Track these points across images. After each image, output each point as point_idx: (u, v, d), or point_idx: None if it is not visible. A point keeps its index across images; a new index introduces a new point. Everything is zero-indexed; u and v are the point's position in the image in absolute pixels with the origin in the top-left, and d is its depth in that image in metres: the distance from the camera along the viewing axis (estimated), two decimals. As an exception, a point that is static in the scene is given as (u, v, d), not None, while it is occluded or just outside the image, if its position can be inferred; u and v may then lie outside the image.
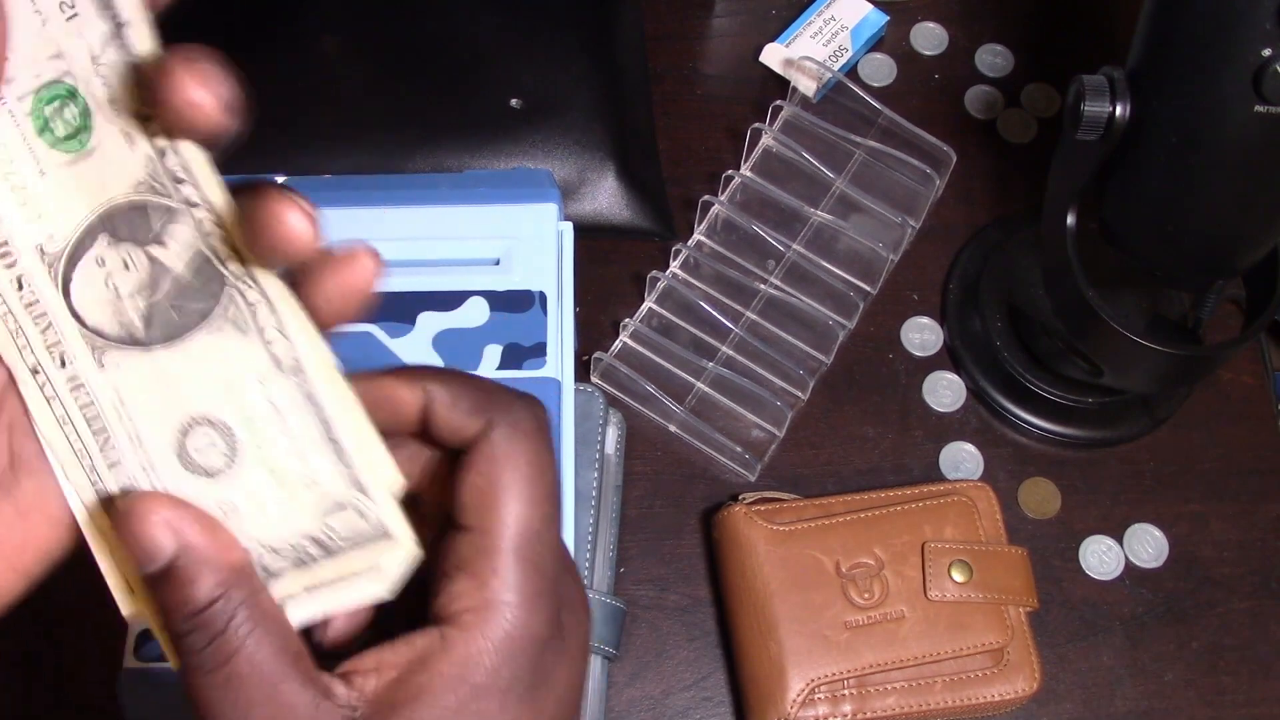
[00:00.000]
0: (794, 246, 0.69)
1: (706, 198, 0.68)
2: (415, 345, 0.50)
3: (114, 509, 0.29)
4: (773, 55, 0.75)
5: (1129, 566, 0.65)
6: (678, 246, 0.68)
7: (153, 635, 0.44)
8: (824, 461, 0.66)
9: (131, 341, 0.29)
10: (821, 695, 0.58)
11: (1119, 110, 0.51)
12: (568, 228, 0.55)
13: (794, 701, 0.57)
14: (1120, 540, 0.65)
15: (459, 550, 0.30)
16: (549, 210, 0.54)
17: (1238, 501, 0.66)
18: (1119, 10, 0.77)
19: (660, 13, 0.77)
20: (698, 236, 0.69)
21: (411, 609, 0.31)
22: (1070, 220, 0.56)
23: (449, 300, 0.51)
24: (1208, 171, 0.50)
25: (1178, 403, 0.68)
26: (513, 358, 0.51)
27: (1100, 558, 0.65)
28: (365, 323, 0.50)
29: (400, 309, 0.51)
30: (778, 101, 0.71)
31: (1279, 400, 0.71)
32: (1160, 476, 0.67)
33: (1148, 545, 0.65)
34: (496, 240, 0.53)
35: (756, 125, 0.70)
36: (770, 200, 0.70)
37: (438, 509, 0.32)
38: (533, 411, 0.32)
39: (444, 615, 0.30)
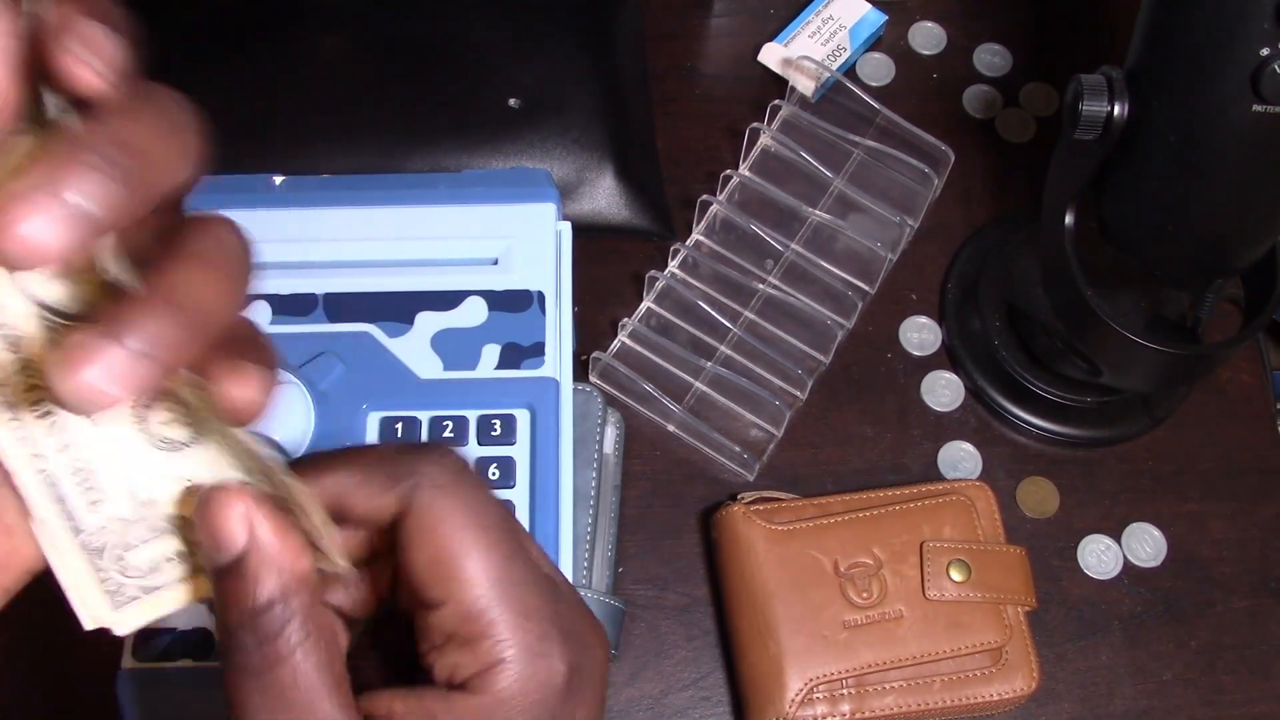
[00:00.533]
0: (792, 246, 0.69)
1: (705, 197, 0.68)
2: (414, 345, 0.50)
3: (197, 495, 0.29)
4: (771, 55, 0.75)
5: (1128, 566, 0.65)
6: (676, 246, 0.68)
7: (152, 637, 0.44)
8: (822, 461, 0.66)
9: None
10: (820, 694, 0.58)
11: (1117, 110, 0.51)
12: (566, 227, 0.55)
13: (792, 701, 0.57)
14: (1119, 539, 0.65)
15: (441, 625, 0.29)
16: (547, 210, 0.54)
17: (1236, 501, 0.66)
18: (1118, 10, 0.77)
19: (659, 12, 0.77)
20: (696, 236, 0.69)
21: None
22: (1069, 220, 0.56)
23: (447, 300, 0.51)
24: (1206, 171, 0.50)
25: (1176, 402, 0.68)
26: (511, 357, 0.50)
27: (1099, 557, 0.65)
28: (364, 322, 0.50)
29: (399, 308, 0.51)
30: (776, 101, 0.71)
31: (1278, 399, 0.71)
32: (1159, 476, 0.67)
33: (1146, 544, 0.65)
34: (495, 240, 0.53)
35: (755, 125, 0.70)
36: (769, 200, 0.70)
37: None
38: (444, 462, 0.30)
39: (449, 684, 0.30)
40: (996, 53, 0.77)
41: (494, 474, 0.48)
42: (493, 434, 0.49)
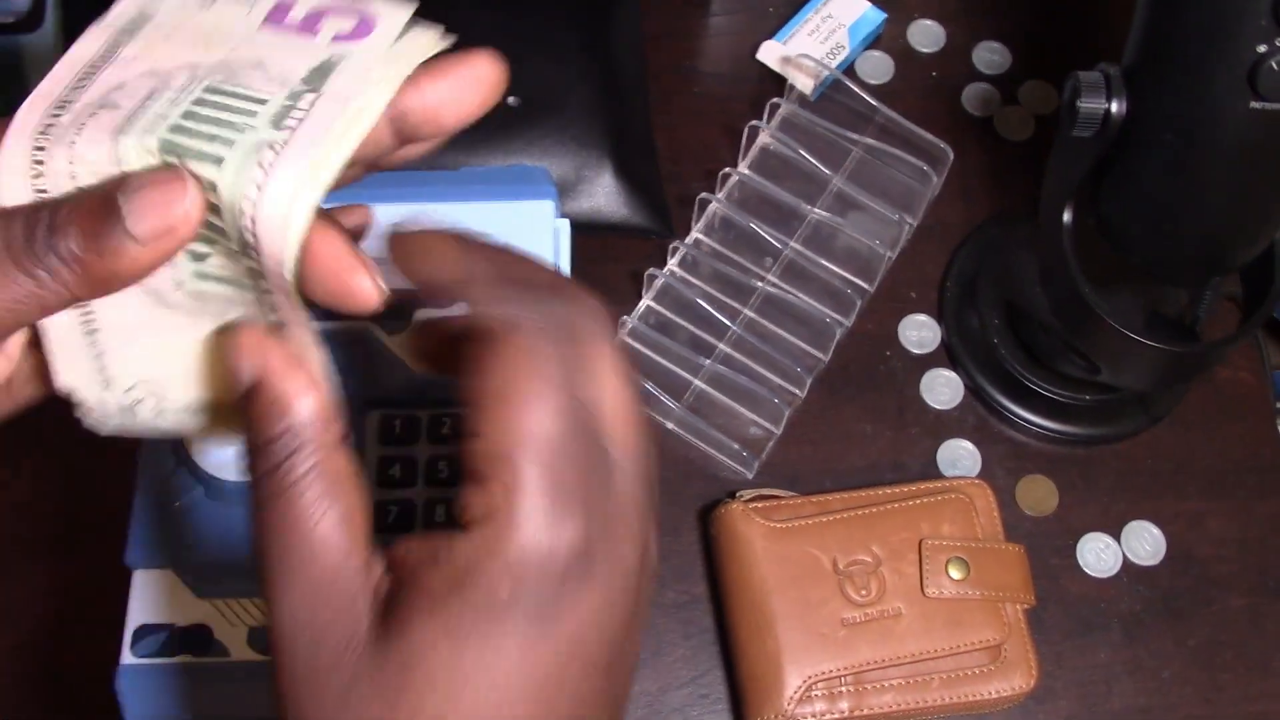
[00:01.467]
0: (791, 244, 0.69)
1: (704, 195, 0.68)
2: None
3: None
4: (770, 53, 0.75)
5: (1126, 564, 0.65)
6: (675, 244, 0.68)
7: (150, 633, 0.44)
8: (821, 459, 0.66)
9: None
10: (818, 692, 0.58)
11: (1115, 107, 0.51)
12: (564, 225, 0.55)
13: (791, 698, 0.57)
14: (1118, 537, 0.65)
15: (472, 456, 0.29)
16: (545, 208, 0.54)
17: (1235, 499, 0.66)
18: (1115, 7, 0.77)
19: (658, 10, 0.77)
20: (695, 234, 0.69)
21: None
22: (1067, 217, 0.56)
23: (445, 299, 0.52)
24: (1204, 168, 0.50)
25: (1175, 400, 0.68)
26: None
27: (1098, 555, 0.65)
28: (361, 320, 0.50)
29: (396, 306, 0.51)
30: (775, 99, 0.71)
31: (1278, 398, 0.71)
32: (1158, 474, 0.67)
33: (1145, 542, 0.65)
34: (492, 238, 0.53)
35: (754, 123, 0.70)
36: (768, 198, 0.70)
37: None
38: (579, 308, 0.30)
39: (460, 521, 0.29)
40: (995, 51, 0.77)
41: None
42: None
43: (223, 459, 0.44)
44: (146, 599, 0.45)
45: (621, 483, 0.30)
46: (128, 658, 0.45)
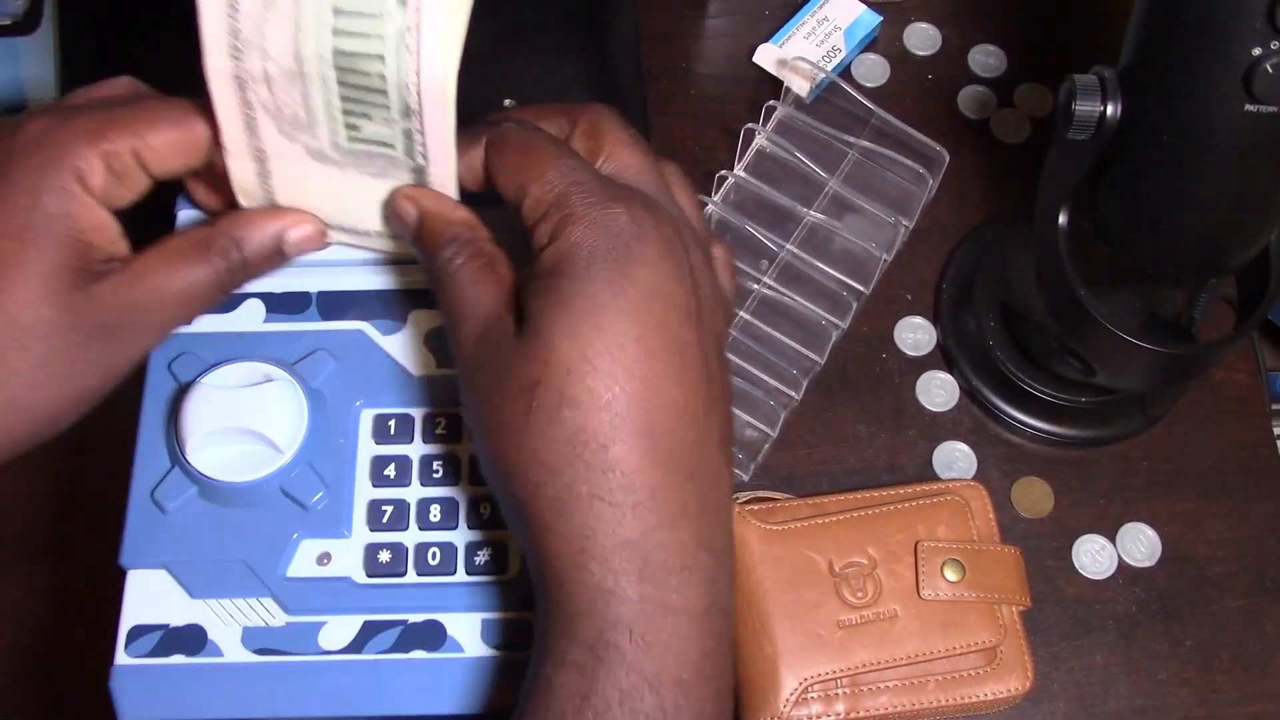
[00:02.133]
0: (787, 246, 0.69)
1: (700, 197, 0.68)
2: (407, 342, 0.50)
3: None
4: (766, 55, 0.75)
5: (1122, 565, 0.65)
6: (671, 246, 0.68)
7: (144, 633, 0.44)
8: (817, 461, 0.66)
9: None
10: (815, 694, 0.58)
11: (1110, 109, 0.51)
12: None
13: (787, 700, 0.57)
14: (1113, 539, 0.65)
15: (531, 204, 0.41)
16: None
17: (1231, 500, 0.66)
18: (1111, 10, 0.78)
19: (654, 12, 0.77)
20: (691, 236, 0.69)
21: None
22: (1063, 220, 0.56)
23: None
24: (1199, 170, 0.50)
25: (1171, 402, 0.68)
26: None
27: (1093, 557, 0.65)
28: (357, 320, 0.49)
29: (392, 306, 0.50)
30: (771, 102, 0.71)
31: (1275, 400, 0.71)
32: (1154, 475, 0.67)
33: (1141, 544, 0.65)
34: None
35: (750, 125, 0.70)
36: (764, 200, 0.70)
37: None
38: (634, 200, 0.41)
39: (537, 252, 0.40)
40: (991, 54, 0.77)
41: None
42: None
43: (217, 460, 0.44)
44: (140, 599, 0.45)
45: (651, 197, 0.41)
46: (121, 658, 0.44)
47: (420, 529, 0.46)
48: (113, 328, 0.41)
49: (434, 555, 0.45)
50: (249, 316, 0.49)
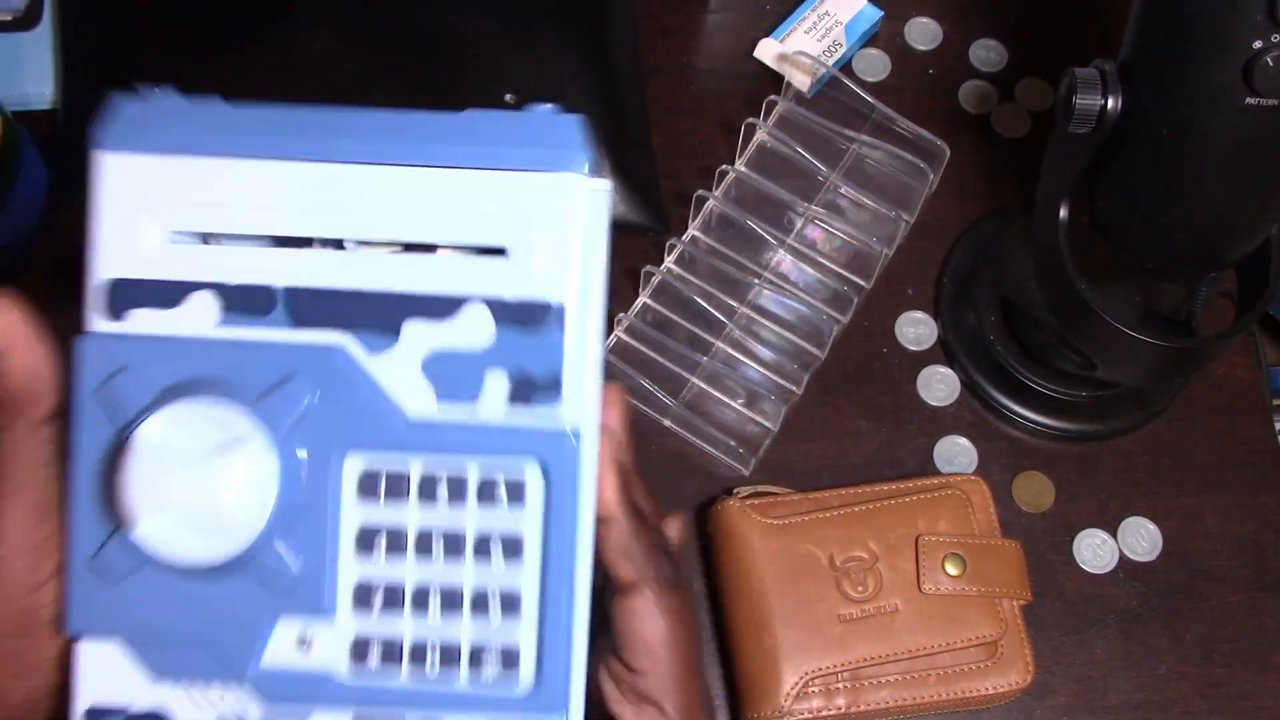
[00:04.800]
0: (788, 241, 0.69)
1: (701, 192, 0.68)
2: (400, 367, 0.38)
3: None
4: (767, 50, 0.75)
5: (1123, 559, 0.65)
6: (672, 241, 0.68)
7: (102, 716, 0.38)
8: (818, 455, 0.66)
9: None
10: (815, 688, 0.58)
11: (1110, 103, 0.51)
12: (602, 194, 0.38)
13: (788, 694, 0.57)
14: (1114, 533, 0.65)
15: (636, 686, 0.40)
16: (571, 184, 0.38)
17: (1231, 494, 0.66)
18: (1111, 4, 0.78)
19: (654, 7, 0.77)
20: (692, 231, 0.69)
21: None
22: (1063, 214, 0.56)
23: (441, 306, 0.38)
24: (1199, 164, 0.50)
25: (1171, 396, 0.68)
26: (522, 391, 0.37)
27: (1094, 551, 0.65)
28: (336, 329, 0.38)
29: (380, 314, 0.38)
30: (772, 96, 0.71)
31: (1276, 396, 0.71)
32: (1154, 470, 0.67)
33: (1141, 538, 0.65)
34: (504, 220, 0.38)
35: (751, 120, 0.70)
36: (765, 195, 0.70)
37: None
38: (675, 571, 0.41)
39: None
40: (991, 48, 0.77)
41: (496, 552, 0.38)
42: (497, 497, 0.38)
43: (169, 536, 0.36)
44: (94, 674, 0.38)
45: (706, 690, 0.45)
46: None
47: (416, 618, 0.38)
48: None
49: (433, 662, 0.38)
50: (198, 316, 0.37)
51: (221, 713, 0.38)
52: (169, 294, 0.37)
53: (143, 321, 0.37)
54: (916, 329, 0.70)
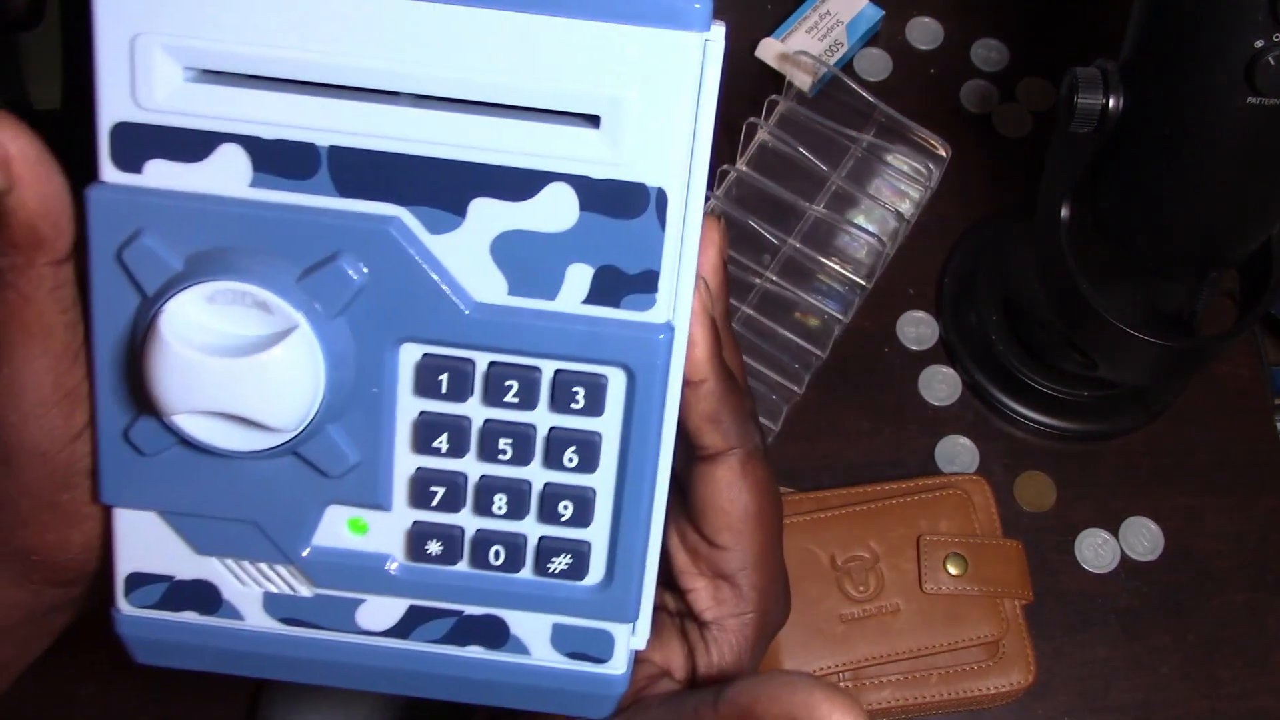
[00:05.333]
0: (790, 241, 0.69)
1: (702, 192, 0.68)
2: (466, 249, 0.32)
3: None
4: (768, 50, 0.75)
5: (1125, 559, 0.65)
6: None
7: (145, 582, 0.36)
8: (819, 455, 0.66)
9: None
10: (817, 688, 0.58)
11: (1112, 102, 0.51)
12: (716, 54, 0.31)
13: (789, 694, 0.57)
14: (1116, 533, 0.65)
15: (715, 560, 0.37)
16: (688, 43, 0.31)
17: (1233, 494, 0.66)
18: (1113, 3, 0.77)
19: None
20: (693, 231, 0.69)
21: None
22: (1065, 213, 0.56)
23: (518, 182, 0.32)
24: (1201, 163, 0.50)
25: (1173, 396, 0.68)
26: (608, 287, 0.32)
27: (1096, 551, 0.65)
28: (391, 203, 0.32)
29: (444, 187, 0.32)
30: (773, 96, 0.71)
31: (1277, 396, 0.71)
32: (1156, 470, 0.67)
33: (1143, 538, 0.65)
34: (599, 83, 0.31)
35: (752, 120, 0.70)
36: (766, 195, 0.70)
37: None
38: (761, 439, 0.37)
39: (698, 614, 0.37)
40: (993, 48, 0.77)
41: (569, 460, 0.34)
42: (573, 403, 0.34)
43: (205, 425, 0.33)
44: (135, 544, 0.36)
45: (783, 564, 0.40)
46: (125, 606, 0.36)
47: (478, 515, 0.35)
48: None
49: (497, 553, 0.35)
50: (226, 173, 0.32)
51: (269, 590, 0.36)
52: (191, 145, 0.31)
53: (162, 175, 0.32)
54: (918, 329, 0.69)
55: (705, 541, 0.37)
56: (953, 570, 0.60)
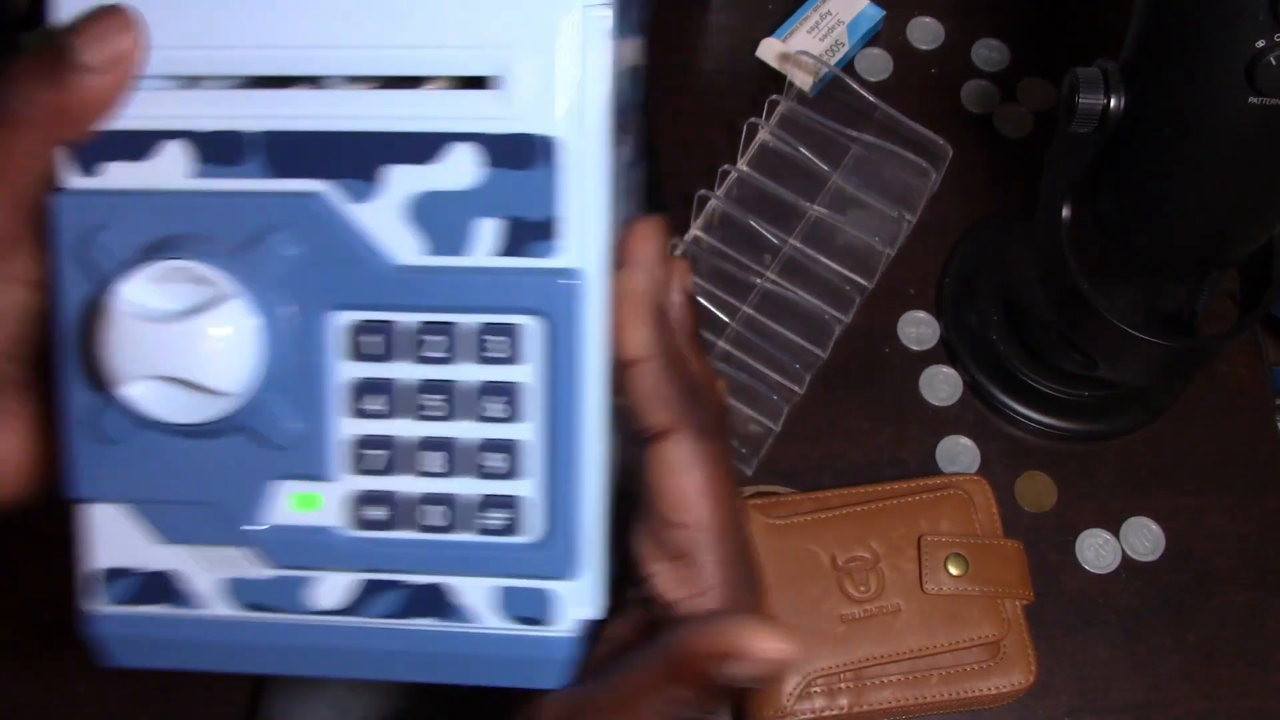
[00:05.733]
0: (790, 241, 0.69)
1: (703, 192, 0.68)
2: (383, 214, 0.35)
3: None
4: (769, 50, 0.75)
5: (1125, 560, 0.65)
6: (674, 241, 0.68)
7: (115, 577, 0.37)
8: (820, 455, 0.66)
9: None
10: (818, 688, 0.58)
11: (1113, 102, 0.51)
12: (598, 18, 0.34)
13: (790, 695, 0.57)
14: (1116, 533, 0.65)
15: (672, 541, 0.35)
16: (561, 2, 0.34)
17: (1234, 494, 0.66)
18: (1114, 3, 0.77)
19: (657, 7, 0.77)
20: (694, 231, 0.69)
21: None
22: (1066, 213, 0.56)
23: (422, 146, 0.35)
24: (1201, 163, 0.50)
25: (1174, 396, 0.68)
26: (517, 237, 0.35)
27: (1096, 551, 0.65)
28: (315, 178, 0.35)
29: (358, 157, 0.35)
30: (774, 96, 0.71)
31: (1278, 395, 0.71)
32: (1156, 470, 0.67)
33: (1144, 538, 0.65)
34: (489, 45, 0.34)
35: (753, 120, 0.70)
36: (767, 195, 0.70)
37: None
38: (719, 417, 0.37)
39: (659, 597, 0.36)
40: (994, 48, 0.77)
41: (498, 411, 0.36)
42: (495, 353, 0.35)
43: (156, 398, 0.35)
44: (103, 538, 0.38)
45: (749, 546, 0.39)
46: (95, 603, 0.38)
47: (418, 475, 0.37)
48: None
49: (436, 515, 0.37)
50: (168, 168, 0.35)
51: (230, 575, 0.37)
52: (138, 144, 0.35)
53: (117, 176, 0.35)
54: (919, 329, 0.69)
55: (662, 523, 0.36)
56: (953, 570, 0.60)
